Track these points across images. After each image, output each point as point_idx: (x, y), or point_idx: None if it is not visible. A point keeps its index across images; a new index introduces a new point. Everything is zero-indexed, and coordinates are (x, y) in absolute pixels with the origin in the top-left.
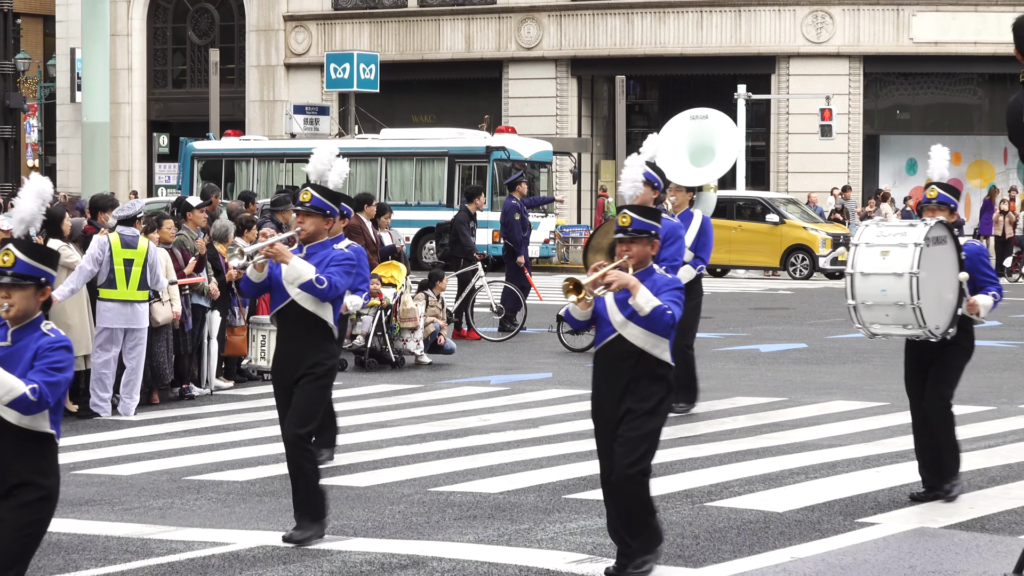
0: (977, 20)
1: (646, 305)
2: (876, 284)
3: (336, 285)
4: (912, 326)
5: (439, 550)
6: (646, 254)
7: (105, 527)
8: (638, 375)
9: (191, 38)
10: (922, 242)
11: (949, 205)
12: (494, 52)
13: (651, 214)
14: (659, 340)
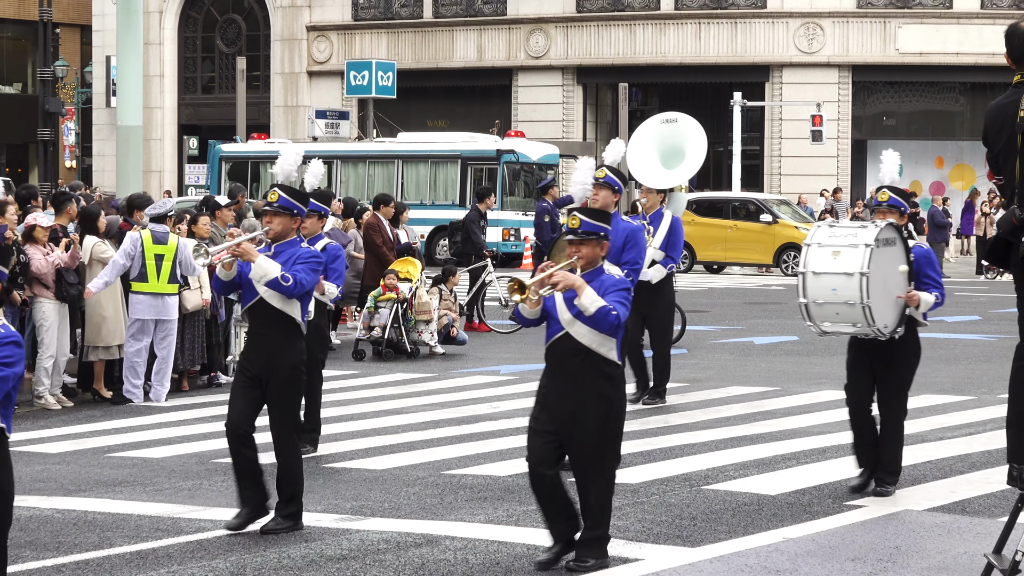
0: (959, 32)
1: (591, 305)
2: (827, 283)
3: (302, 283)
4: (861, 324)
5: (451, 529)
6: (595, 255)
7: (137, 507)
8: (584, 373)
9: (219, 47)
10: (872, 243)
11: (899, 208)
12: (504, 61)
13: (600, 216)
14: (605, 339)
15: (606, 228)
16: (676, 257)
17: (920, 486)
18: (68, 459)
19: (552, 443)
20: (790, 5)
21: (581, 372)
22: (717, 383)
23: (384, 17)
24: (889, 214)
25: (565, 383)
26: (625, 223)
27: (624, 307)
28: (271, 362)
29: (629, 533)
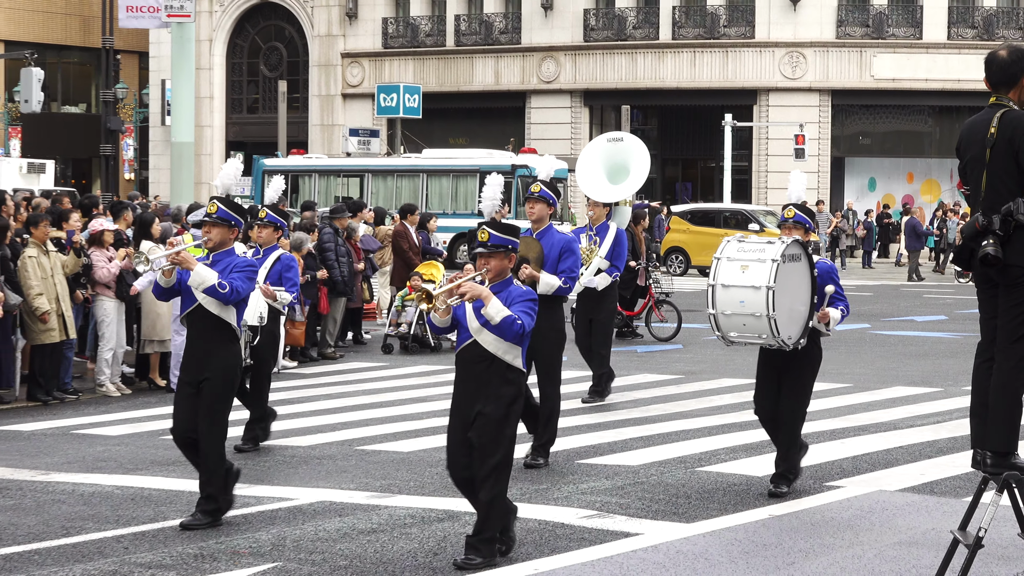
0: (928, 61)
1: (496, 315)
2: (735, 296)
3: (238, 290)
4: (767, 336)
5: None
6: (503, 267)
7: (188, 484)
8: (490, 379)
9: (263, 72)
10: (779, 258)
11: (804, 225)
12: (518, 85)
13: (508, 230)
14: (511, 347)
15: (514, 241)
16: (620, 266)
17: (892, 469)
18: (126, 441)
19: (466, 446)
20: (776, 36)
21: (487, 378)
22: (709, 375)
23: (411, 45)
24: (795, 230)
25: (472, 388)
26: (560, 234)
27: (529, 317)
28: (207, 364)
29: (630, 510)
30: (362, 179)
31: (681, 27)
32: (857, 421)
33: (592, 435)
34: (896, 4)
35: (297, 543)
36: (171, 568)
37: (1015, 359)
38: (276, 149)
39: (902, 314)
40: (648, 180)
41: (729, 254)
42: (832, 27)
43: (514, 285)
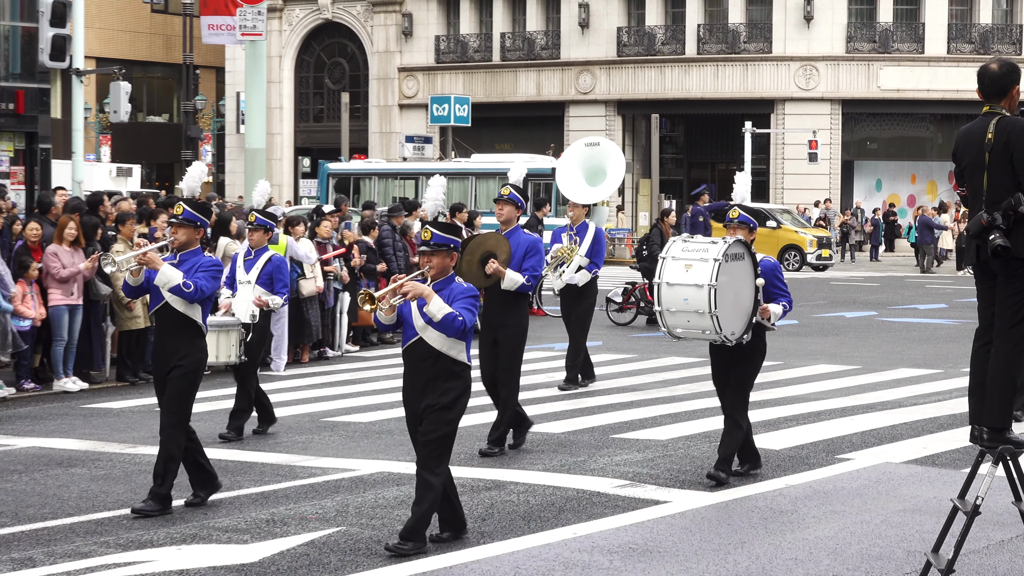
0: (930, 73)
1: (438, 313)
2: (679, 293)
3: (202, 289)
4: (710, 332)
5: (515, 476)
6: (446, 265)
7: (261, 456)
8: (436, 374)
9: (327, 84)
10: (720, 258)
11: (748, 224)
12: (558, 96)
13: (451, 230)
14: (455, 343)
15: (456, 240)
16: (599, 263)
17: (897, 443)
18: (205, 418)
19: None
20: (791, 50)
21: (433, 373)
22: None
23: (461, 60)
24: (739, 230)
25: (419, 383)
26: (526, 235)
27: (471, 313)
28: (173, 360)
29: (660, 480)
30: (417, 181)
31: (705, 43)
32: (865, 400)
33: (625, 412)
34: (901, 21)
35: (359, 509)
36: (245, 532)
37: (1012, 343)
38: (339, 154)
39: (906, 303)
40: (675, 181)
41: (674, 253)
42: (842, 42)
43: (456, 283)
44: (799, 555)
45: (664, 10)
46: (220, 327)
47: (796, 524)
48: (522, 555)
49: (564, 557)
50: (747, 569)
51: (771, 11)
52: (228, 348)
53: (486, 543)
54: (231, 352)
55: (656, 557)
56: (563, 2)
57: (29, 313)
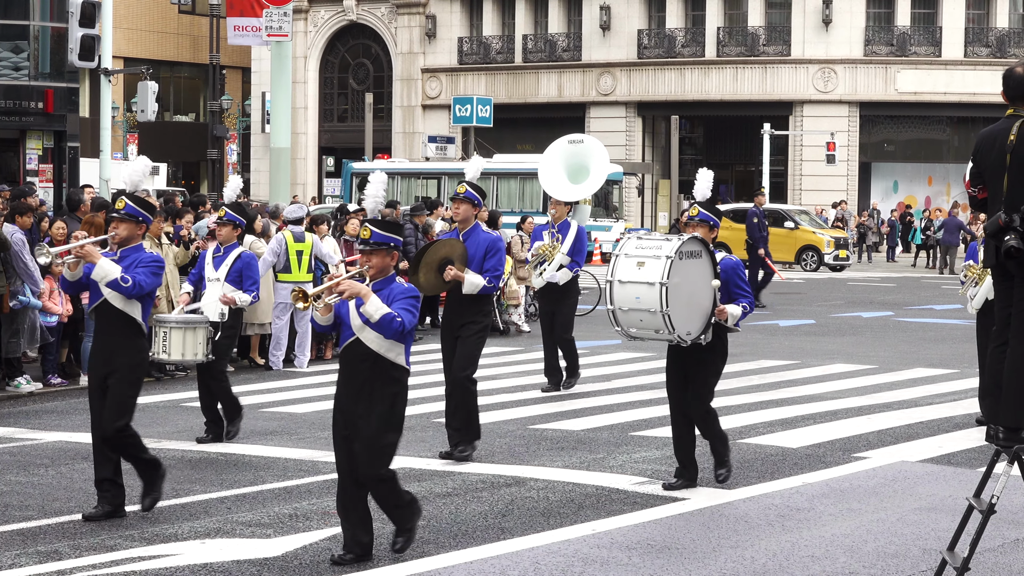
0: (947, 76)
1: (376, 313)
2: (631, 292)
3: (141, 284)
4: (663, 331)
5: (535, 473)
6: (386, 264)
7: (284, 451)
8: (374, 377)
9: (352, 85)
10: (673, 255)
11: (708, 222)
12: (579, 97)
13: (391, 228)
14: (393, 345)
15: (396, 239)
16: (581, 261)
17: (913, 442)
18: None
19: (353, 447)
20: (809, 53)
21: (371, 376)
22: (749, 357)
23: (483, 62)
24: (699, 228)
25: (356, 386)
26: (486, 234)
27: (410, 314)
28: (113, 359)
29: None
30: (439, 181)
31: (725, 45)
32: (882, 399)
33: (643, 410)
34: (918, 25)
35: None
36: (269, 526)
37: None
38: (363, 154)
39: (922, 303)
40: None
41: (627, 251)
42: (860, 46)
43: (396, 282)
44: (816, 552)
45: (684, 13)
46: (187, 325)
47: (813, 522)
48: (541, 551)
49: (583, 553)
50: (764, 566)
51: (790, 14)
52: (195, 346)
53: (506, 539)
54: (198, 350)
55: (674, 553)
56: (585, 4)
57: (56, 309)
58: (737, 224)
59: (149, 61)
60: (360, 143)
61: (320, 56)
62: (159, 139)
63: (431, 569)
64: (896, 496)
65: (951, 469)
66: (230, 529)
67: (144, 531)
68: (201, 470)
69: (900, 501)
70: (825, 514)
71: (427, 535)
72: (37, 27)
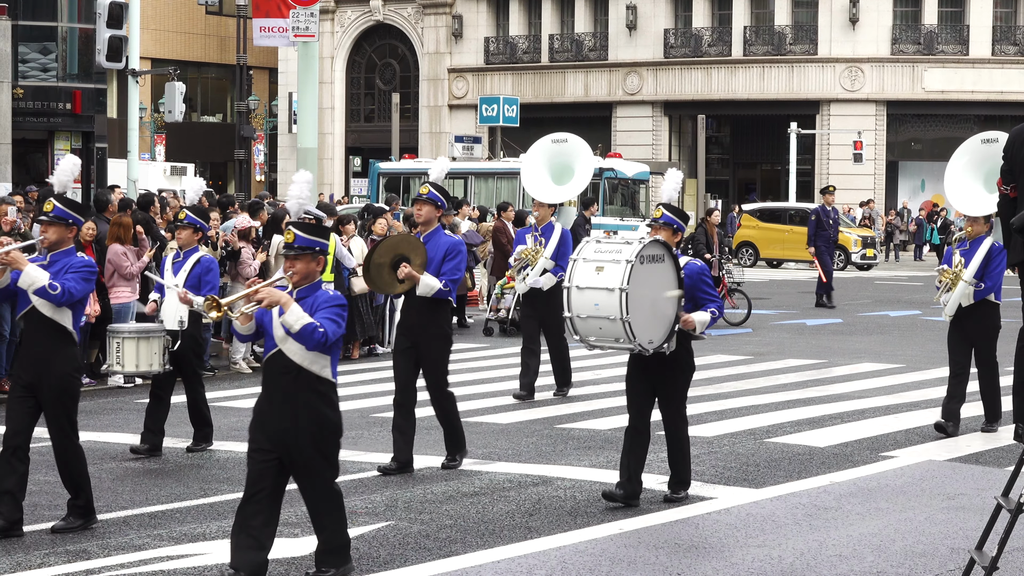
0: (974, 74)
1: (296, 323)
2: (590, 298)
3: (70, 291)
4: (623, 340)
5: (562, 472)
6: (311, 270)
7: None
8: (297, 391)
9: (378, 85)
10: (634, 260)
11: (672, 225)
12: (605, 96)
13: (317, 231)
14: (318, 357)
15: (322, 243)
16: (565, 265)
17: (941, 441)
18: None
19: (271, 462)
20: (836, 52)
21: (294, 390)
22: (776, 356)
23: (510, 61)
24: (662, 231)
25: (279, 401)
26: (447, 237)
27: (335, 324)
28: (41, 368)
29: (705, 477)
30: (466, 180)
31: (751, 45)
32: (909, 398)
33: None
34: (945, 23)
35: (408, 504)
36: (296, 526)
37: None
38: (390, 154)
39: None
40: (721, 181)
41: (585, 255)
42: (887, 44)
43: (322, 290)
44: (843, 551)
45: (711, 12)
46: (141, 334)
47: (840, 521)
48: (569, 550)
49: (610, 552)
50: (791, 565)
51: (817, 13)
52: (149, 357)
53: (533, 538)
54: (153, 361)
55: (702, 553)
56: (611, 4)
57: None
58: (764, 223)
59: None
60: (387, 143)
61: (347, 56)
62: (186, 140)
63: (458, 568)
64: (924, 495)
65: (979, 468)
66: None
67: (172, 530)
68: (229, 469)
69: (928, 500)
70: (853, 513)
71: (454, 534)
72: (65, 28)
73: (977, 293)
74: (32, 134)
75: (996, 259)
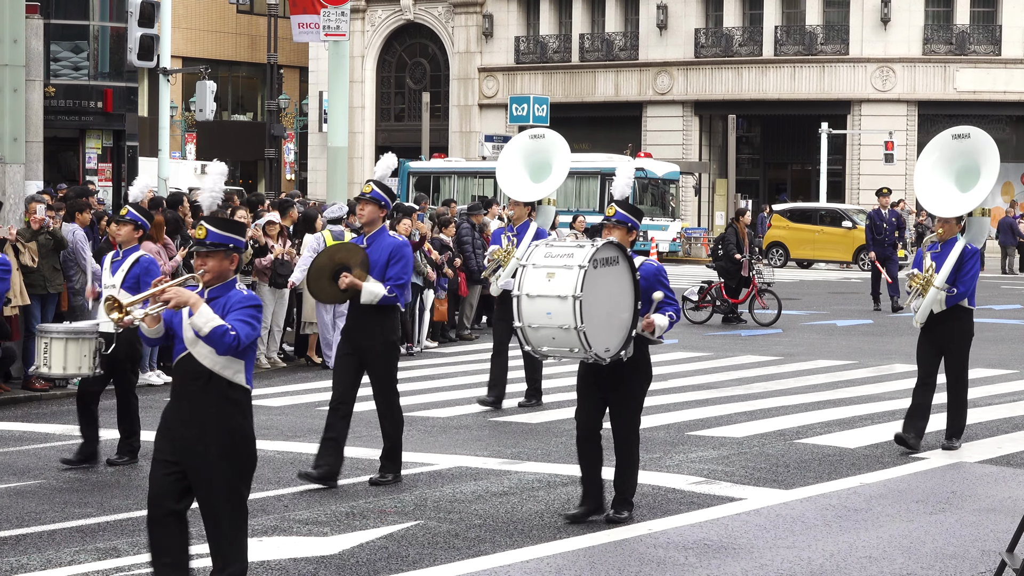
0: (1006, 75)
1: (204, 325)
2: (541, 307)
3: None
4: (578, 350)
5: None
6: (224, 268)
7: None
8: (208, 398)
9: (408, 84)
10: (586, 264)
11: (627, 224)
12: (636, 96)
13: (231, 227)
14: (231, 361)
15: (237, 239)
16: None
17: (972, 443)
18: (286, 411)
19: (174, 475)
20: (868, 52)
21: (203, 397)
22: (806, 357)
23: (540, 61)
24: (615, 230)
25: (187, 408)
26: (391, 238)
27: (248, 326)
28: None
29: (735, 477)
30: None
31: (782, 44)
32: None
33: (700, 409)
34: (977, 23)
35: (437, 503)
36: (325, 524)
37: None
38: (420, 153)
39: (980, 303)
40: (751, 181)
41: (535, 260)
42: (919, 44)
43: (235, 290)
44: (873, 553)
45: (742, 12)
46: (71, 335)
47: (870, 522)
48: (598, 550)
49: (640, 553)
50: (821, 566)
51: (848, 13)
52: (79, 359)
53: (562, 538)
54: (83, 364)
55: (731, 553)
56: (642, 3)
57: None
58: (794, 223)
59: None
60: (417, 142)
61: (377, 55)
62: (217, 138)
63: (487, 568)
64: (954, 497)
65: (1010, 470)
66: (287, 527)
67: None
68: (259, 468)
69: (958, 502)
70: (883, 515)
71: (483, 534)
72: (97, 27)
73: (949, 299)
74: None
75: (969, 262)
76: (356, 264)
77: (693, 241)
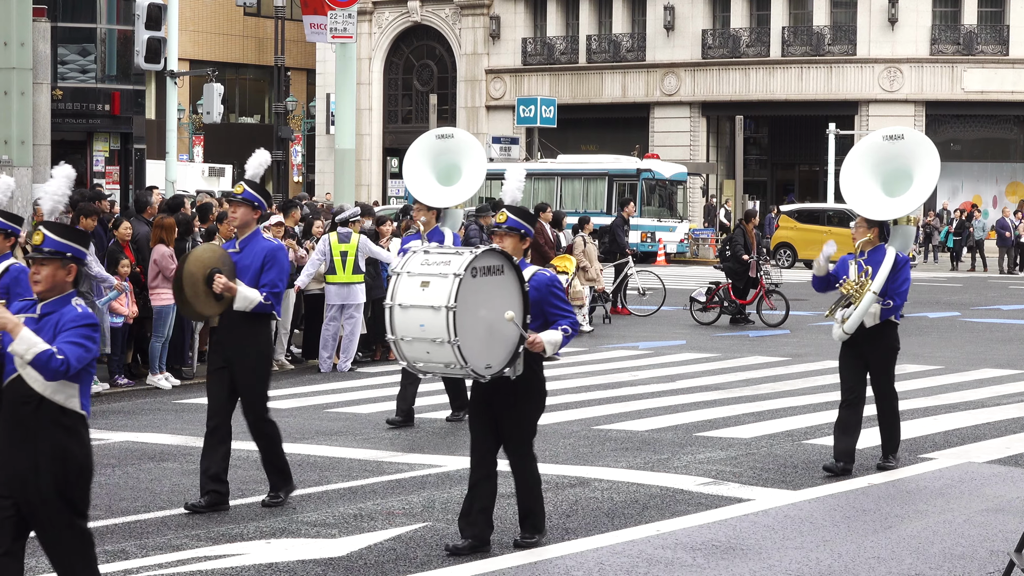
0: (1014, 75)
1: (26, 352)
2: (415, 318)
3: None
4: (454, 365)
5: (599, 473)
6: (60, 280)
7: (349, 452)
8: (39, 425)
9: (416, 86)
10: (462, 273)
11: (519, 231)
12: (643, 97)
13: (72, 235)
14: (63, 386)
15: (76, 249)
16: None
17: (980, 443)
18: (294, 413)
19: (5, 511)
20: (875, 52)
21: (35, 423)
22: (814, 358)
23: (547, 62)
24: (507, 238)
25: (19, 435)
26: (266, 242)
27: (79, 348)
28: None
29: (743, 478)
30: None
31: (790, 45)
32: (948, 400)
33: (708, 410)
34: (985, 23)
35: (445, 505)
36: (333, 526)
37: None
38: None
39: (989, 303)
40: (759, 182)
41: (410, 268)
42: (927, 45)
43: (70, 306)
44: (882, 554)
45: (749, 12)
46: None
47: (879, 523)
48: (606, 551)
49: (647, 554)
50: (830, 567)
51: (855, 13)
52: None
53: (570, 539)
54: None
55: (739, 555)
56: (649, 5)
57: (123, 310)
58: (802, 224)
59: (214, 63)
60: None
61: (384, 57)
62: (224, 141)
63: (495, 569)
64: (963, 497)
65: (1019, 470)
66: (295, 529)
67: (210, 531)
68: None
69: (967, 502)
70: (891, 515)
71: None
72: (104, 30)
73: (885, 311)
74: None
75: (902, 272)
76: (225, 267)
77: (701, 242)
